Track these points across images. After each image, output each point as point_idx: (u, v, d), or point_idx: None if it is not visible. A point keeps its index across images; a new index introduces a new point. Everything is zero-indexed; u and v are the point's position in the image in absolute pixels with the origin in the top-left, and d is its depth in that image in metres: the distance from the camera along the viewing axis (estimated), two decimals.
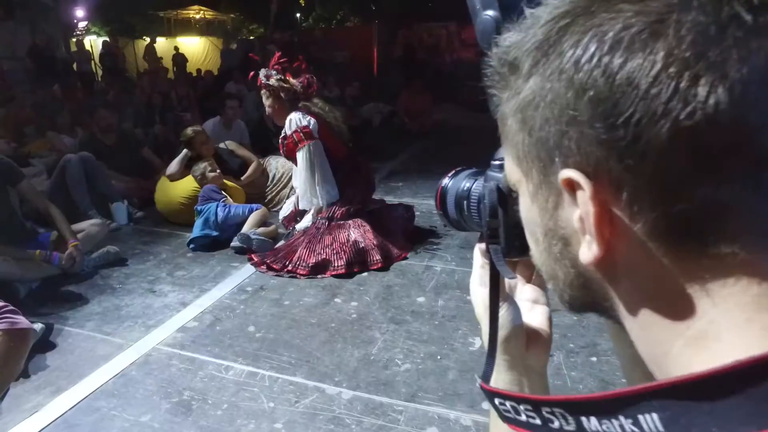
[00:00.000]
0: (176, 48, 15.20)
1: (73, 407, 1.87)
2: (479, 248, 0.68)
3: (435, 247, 3.39)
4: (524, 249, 0.55)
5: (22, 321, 1.43)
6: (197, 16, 18.68)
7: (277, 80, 3.15)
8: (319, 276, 2.93)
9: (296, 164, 3.28)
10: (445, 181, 0.68)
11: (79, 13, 12.32)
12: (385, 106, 8.48)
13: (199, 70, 13.52)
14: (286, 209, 3.59)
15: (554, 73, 0.33)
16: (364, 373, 2.08)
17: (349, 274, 2.94)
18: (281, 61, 3.24)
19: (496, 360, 0.56)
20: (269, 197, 4.14)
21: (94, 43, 13.18)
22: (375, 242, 3.06)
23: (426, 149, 6.95)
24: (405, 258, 3.17)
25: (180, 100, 8.28)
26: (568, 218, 0.35)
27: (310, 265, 2.93)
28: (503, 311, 0.58)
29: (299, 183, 3.22)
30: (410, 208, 3.68)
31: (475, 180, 0.63)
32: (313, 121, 3.12)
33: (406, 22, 13.17)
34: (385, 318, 2.51)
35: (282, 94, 3.16)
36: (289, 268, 2.95)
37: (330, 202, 3.15)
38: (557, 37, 0.34)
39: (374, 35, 13.29)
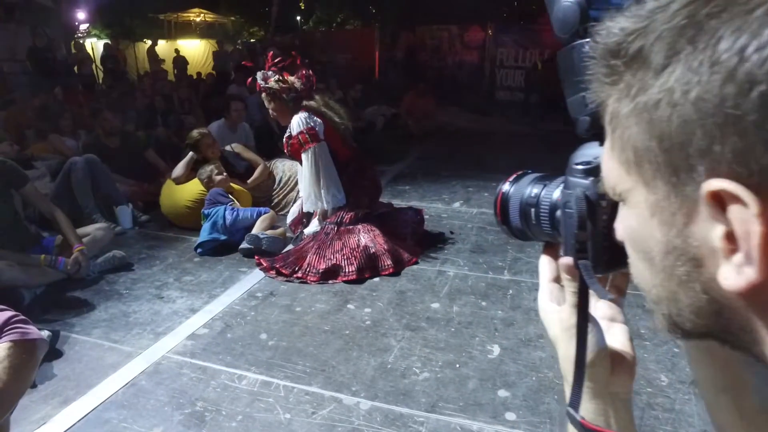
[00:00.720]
0: (177, 51, 15.16)
1: (82, 419, 1.81)
2: (548, 261, 0.61)
3: (446, 251, 3.34)
4: (613, 264, 0.49)
5: (33, 331, 1.36)
6: (197, 19, 18.67)
7: (276, 81, 3.09)
8: (329, 282, 2.87)
9: (302, 164, 3.24)
10: (506, 186, 0.62)
11: (81, 15, 12.26)
12: (388, 108, 8.44)
13: (199, 73, 13.50)
14: (292, 213, 3.52)
15: (704, 64, 0.28)
16: (382, 382, 2.02)
17: (360, 279, 2.88)
18: (275, 61, 3.17)
19: None
20: (276, 200, 4.08)
21: (95, 45, 13.13)
22: (385, 247, 3.00)
23: (431, 152, 6.90)
24: (415, 263, 3.11)
25: (182, 102, 8.23)
26: (704, 236, 0.30)
27: (320, 271, 2.87)
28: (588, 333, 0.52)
29: (303, 185, 3.16)
30: (419, 212, 3.63)
31: (544, 186, 0.57)
32: (319, 122, 3.07)
33: (408, 24, 13.14)
34: (400, 325, 2.45)
35: (283, 95, 3.09)
36: (299, 274, 2.89)
37: (336, 205, 3.09)
38: (708, 21, 0.28)
39: (375, 38, 13.26)
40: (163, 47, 15.77)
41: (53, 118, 5.21)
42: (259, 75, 3.14)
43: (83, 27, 12.74)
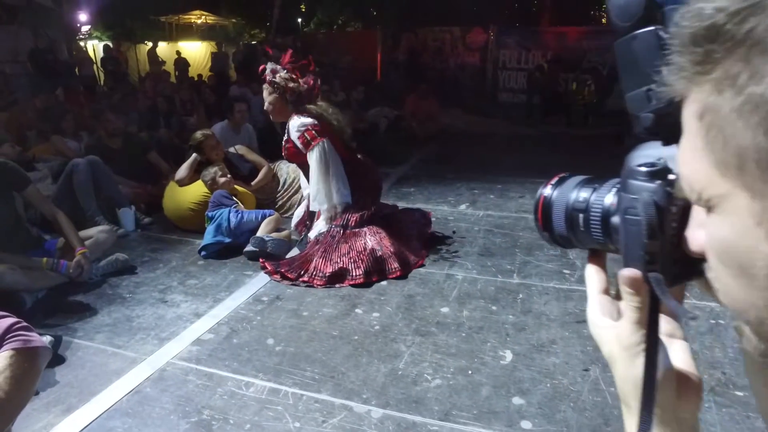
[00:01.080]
0: (178, 53, 15.16)
1: (85, 428, 1.75)
2: (595, 271, 0.56)
3: (453, 254, 3.29)
4: (681, 278, 0.44)
5: (36, 339, 1.31)
6: (198, 21, 18.68)
7: (284, 78, 3.04)
8: (336, 285, 2.82)
9: (300, 167, 3.16)
10: (547, 191, 0.57)
11: (82, 17, 12.24)
12: (391, 110, 8.39)
13: (200, 75, 13.47)
14: (297, 215, 3.47)
15: None
16: (393, 389, 1.97)
17: (367, 283, 2.83)
18: (292, 60, 3.14)
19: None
20: (280, 203, 4.04)
21: (96, 47, 13.11)
22: (392, 249, 2.95)
23: (434, 154, 6.86)
24: (422, 265, 3.06)
25: (183, 104, 8.20)
26: None
27: (326, 274, 2.82)
28: None
29: (311, 183, 3.09)
30: (426, 214, 3.58)
31: (593, 189, 0.52)
32: (317, 122, 3.02)
33: (409, 25, 13.11)
34: (409, 330, 2.40)
35: (287, 95, 3.05)
36: (305, 278, 2.84)
37: (342, 201, 3.02)
38: None
39: (377, 39, 13.23)
40: (164, 49, 15.75)
41: (55, 120, 5.17)
42: (269, 65, 3.09)
43: (84, 29, 12.71)
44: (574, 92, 9.99)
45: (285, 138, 3.13)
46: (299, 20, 20.81)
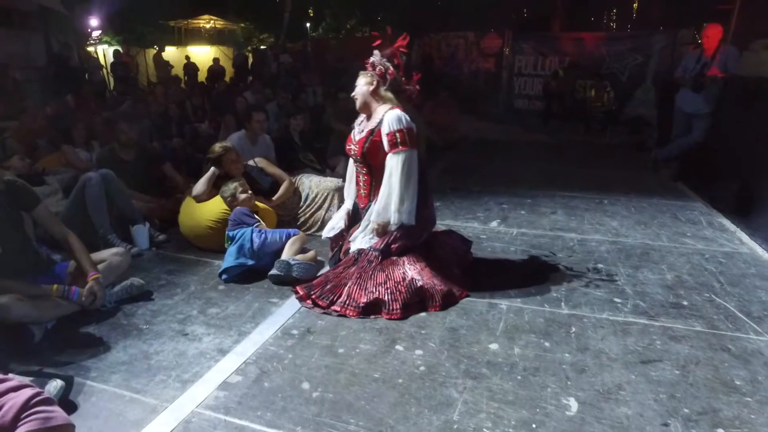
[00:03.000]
0: (187, 57, 15.03)
1: None
2: None
3: (493, 279, 3.03)
4: None
5: (58, 414, 1.08)
6: (207, 26, 18.59)
7: (387, 68, 2.78)
8: (371, 317, 2.58)
9: (367, 168, 2.85)
10: None
11: (93, 22, 12.11)
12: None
13: (209, 79, 13.30)
14: (332, 228, 3.09)
15: None
16: None
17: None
18: (403, 48, 2.85)
19: None
20: (302, 219, 3.80)
21: (106, 52, 12.97)
22: (434, 281, 2.70)
23: (455, 164, 6.62)
24: (467, 295, 2.82)
25: (195, 110, 8.01)
26: None
27: (360, 305, 2.58)
28: None
29: (383, 191, 2.72)
30: (467, 242, 3.33)
31: None
32: (415, 128, 2.73)
33: (423, 31, 12.88)
34: (458, 371, 2.16)
35: (387, 78, 2.77)
36: (337, 308, 2.60)
37: (407, 222, 2.71)
38: None
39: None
40: (173, 54, 15.63)
41: (66, 128, 4.98)
42: (377, 54, 2.83)
43: (95, 34, 12.59)
44: (593, 99, 9.75)
45: (372, 126, 2.78)
46: (308, 25, 20.69)
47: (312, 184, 3.85)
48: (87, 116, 5.74)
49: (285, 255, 2.97)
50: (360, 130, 2.89)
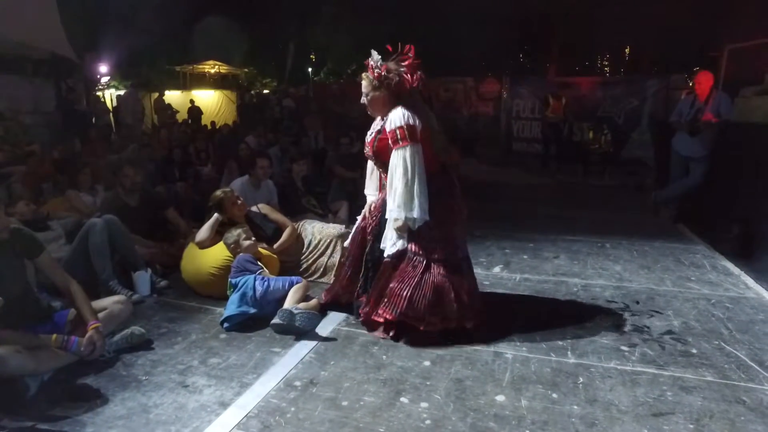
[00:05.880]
0: (191, 101, 15.39)
1: None
2: None
3: (498, 327, 2.99)
4: None
5: None
6: (212, 71, 19.12)
7: (393, 72, 2.76)
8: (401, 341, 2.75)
9: (382, 166, 2.86)
10: None
11: (102, 68, 12.47)
12: None
13: (213, 123, 13.58)
14: (352, 233, 3.21)
15: None
16: None
17: (413, 366, 2.57)
18: (408, 53, 2.82)
19: None
20: (305, 265, 3.79)
21: (113, 95, 13.30)
22: (472, 299, 2.83)
23: None
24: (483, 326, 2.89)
25: (198, 153, 8.11)
26: None
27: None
28: None
29: (393, 190, 2.71)
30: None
31: None
32: (419, 122, 2.73)
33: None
34: (465, 425, 2.10)
35: (391, 80, 2.76)
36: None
37: (421, 217, 2.69)
38: None
39: None
40: (178, 97, 16.01)
41: (72, 173, 5.03)
42: (375, 56, 2.81)
43: (104, 80, 12.96)
44: (591, 141, 9.91)
45: (377, 129, 2.84)
46: (309, 69, 21.28)
47: (315, 230, 3.86)
48: (93, 160, 5.83)
49: (288, 303, 2.94)
50: (375, 123, 2.91)
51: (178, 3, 14.13)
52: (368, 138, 2.96)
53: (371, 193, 3.16)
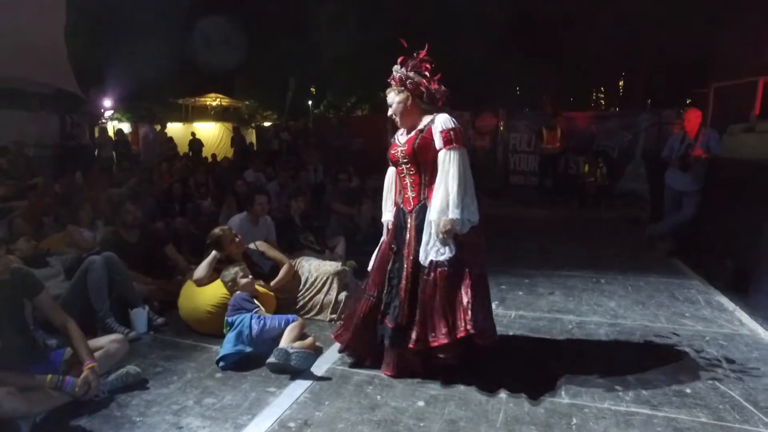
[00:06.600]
0: (193, 134, 15.61)
1: None
2: None
3: (493, 366, 2.98)
4: None
5: None
6: (214, 103, 19.46)
7: (415, 79, 2.80)
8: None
9: (415, 165, 2.82)
10: None
11: (107, 103, 12.72)
12: None
13: (214, 155, 13.76)
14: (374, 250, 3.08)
15: None
16: None
17: (406, 406, 2.56)
18: (426, 58, 2.86)
19: None
20: (301, 303, 3.81)
21: (116, 128, 13.53)
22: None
23: None
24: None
25: (198, 186, 8.20)
26: None
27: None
28: None
29: (444, 190, 2.67)
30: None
31: None
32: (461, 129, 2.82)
33: None
34: None
35: (422, 90, 2.80)
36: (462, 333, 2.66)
37: (473, 219, 2.71)
38: None
39: (389, 122, 13.58)
40: (179, 130, 16.25)
41: (72, 208, 5.10)
42: (397, 67, 2.87)
43: (108, 113, 13.21)
44: (586, 174, 10.04)
45: (419, 128, 2.81)
46: (309, 103, 21.66)
47: (312, 267, 3.90)
48: (94, 194, 5.90)
49: (283, 342, 2.96)
50: (402, 132, 2.93)
51: (182, 36, 14.49)
52: (403, 139, 2.89)
53: (389, 210, 3.08)
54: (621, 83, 21.79)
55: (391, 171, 3.10)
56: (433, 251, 2.74)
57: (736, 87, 6.92)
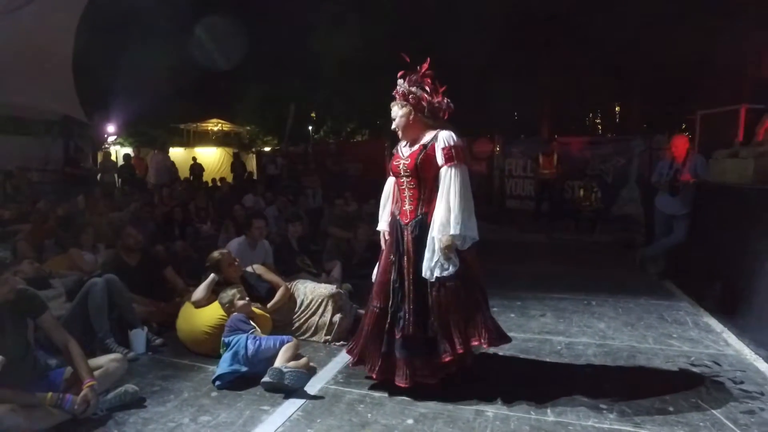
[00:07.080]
0: (194, 158, 15.85)
1: None
2: None
3: (481, 385, 3.06)
4: None
5: None
6: (215, 129, 19.79)
7: (417, 92, 2.89)
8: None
9: (416, 181, 2.88)
10: None
11: (110, 128, 12.98)
12: None
13: (214, 180, 13.95)
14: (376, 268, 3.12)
15: None
16: None
17: (397, 424, 2.63)
18: (428, 72, 2.94)
19: None
20: (297, 324, 3.90)
21: (119, 152, 13.76)
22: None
23: None
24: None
25: (198, 211, 8.34)
26: None
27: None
28: None
29: (445, 205, 2.74)
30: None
31: None
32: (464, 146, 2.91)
33: None
34: None
35: (425, 107, 2.89)
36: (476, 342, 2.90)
37: (473, 237, 2.79)
38: None
39: (386, 148, 13.81)
40: (181, 154, 16.50)
41: (74, 231, 5.23)
42: (402, 81, 2.95)
43: (111, 139, 13.46)
44: (582, 198, 10.21)
45: (420, 144, 2.89)
46: (310, 128, 21.99)
47: (307, 290, 4.00)
48: (95, 218, 6.04)
49: (278, 362, 3.04)
50: (405, 144, 3.00)
51: (185, 64, 14.81)
52: (407, 152, 2.95)
53: (386, 219, 3.16)
54: (617, 108, 22.18)
55: (390, 181, 3.18)
56: (437, 268, 2.82)
57: (721, 114, 7.14)
